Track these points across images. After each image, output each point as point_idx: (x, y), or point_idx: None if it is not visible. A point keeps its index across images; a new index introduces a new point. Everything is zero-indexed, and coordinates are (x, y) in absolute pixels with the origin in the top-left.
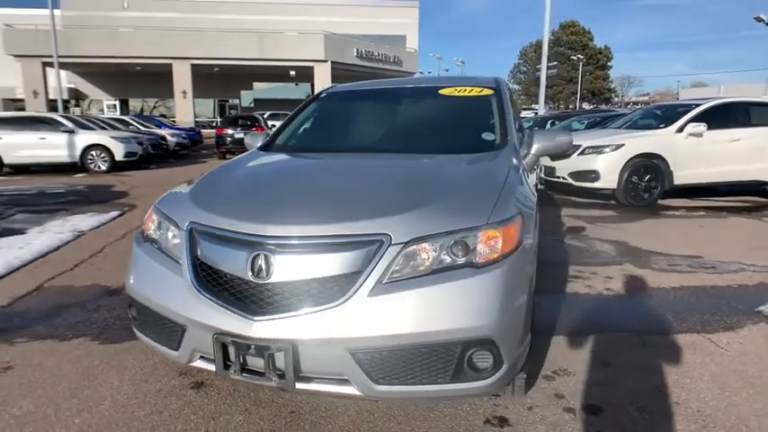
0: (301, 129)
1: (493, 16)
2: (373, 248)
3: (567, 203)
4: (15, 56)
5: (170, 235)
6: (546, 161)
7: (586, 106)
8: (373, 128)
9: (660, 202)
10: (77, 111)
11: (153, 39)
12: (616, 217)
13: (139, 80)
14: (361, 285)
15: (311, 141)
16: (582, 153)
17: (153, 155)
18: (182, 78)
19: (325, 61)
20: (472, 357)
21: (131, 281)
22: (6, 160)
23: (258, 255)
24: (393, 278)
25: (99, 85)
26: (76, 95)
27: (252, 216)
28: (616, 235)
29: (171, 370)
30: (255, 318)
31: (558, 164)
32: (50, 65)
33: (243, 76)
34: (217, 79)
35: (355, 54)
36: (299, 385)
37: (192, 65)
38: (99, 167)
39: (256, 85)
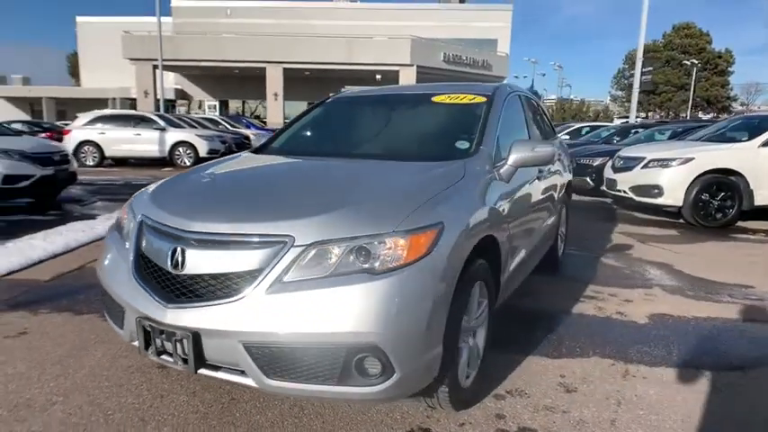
0: (296, 132)
1: (597, 18)
2: (276, 248)
3: (626, 219)
4: (131, 59)
5: (130, 226)
6: (609, 173)
7: (702, 115)
8: (357, 133)
9: (739, 224)
10: (183, 110)
11: (249, 44)
12: (675, 237)
13: (238, 83)
14: (259, 283)
15: (298, 145)
16: (645, 166)
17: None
18: (274, 81)
19: (411, 65)
20: (363, 362)
21: (100, 266)
22: (107, 153)
23: (177, 247)
24: (293, 278)
25: (202, 87)
26: (183, 96)
27: (179, 212)
28: (663, 256)
29: None
30: (169, 305)
31: (619, 176)
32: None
33: (332, 79)
34: (308, 83)
35: (442, 58)
36: (202, 371)
37: (284, 69)
38: (184, 163)
39: (345, 88)
